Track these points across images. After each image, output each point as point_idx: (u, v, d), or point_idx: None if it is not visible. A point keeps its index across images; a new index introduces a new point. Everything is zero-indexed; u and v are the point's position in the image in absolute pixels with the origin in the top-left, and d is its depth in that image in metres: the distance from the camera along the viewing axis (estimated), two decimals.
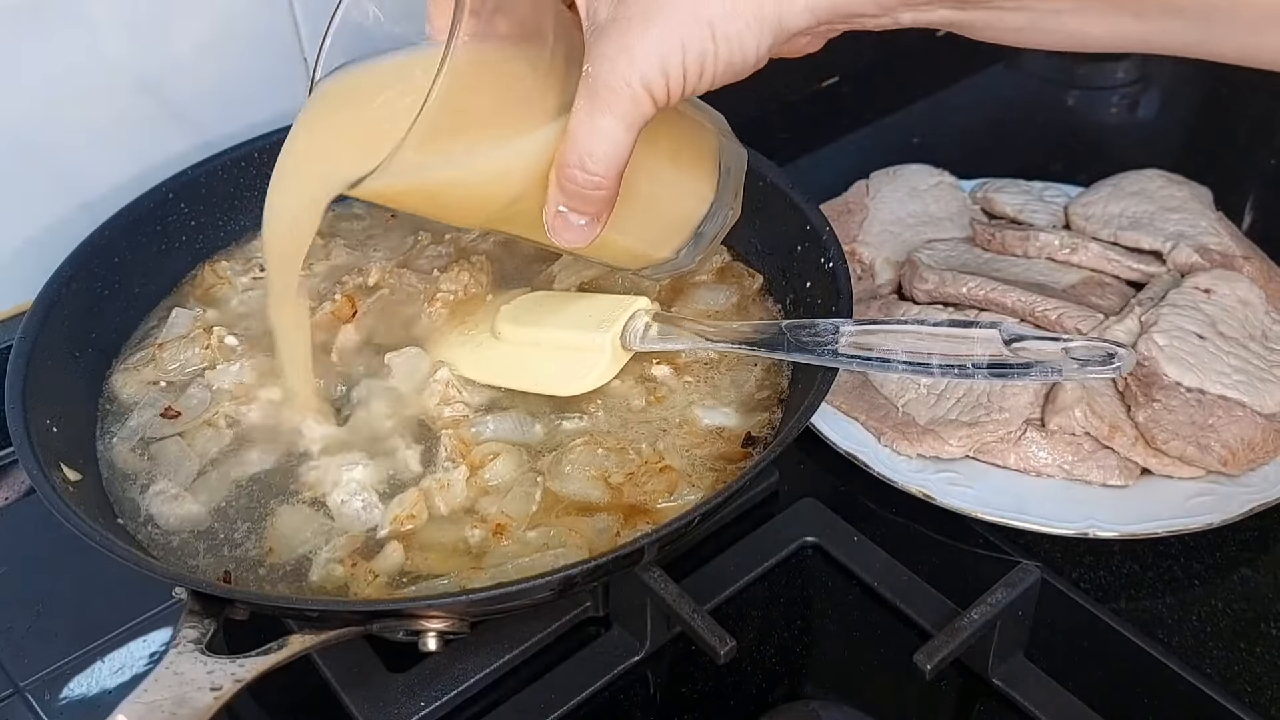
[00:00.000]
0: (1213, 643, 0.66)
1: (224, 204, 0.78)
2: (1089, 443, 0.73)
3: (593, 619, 0.66)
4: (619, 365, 0.65)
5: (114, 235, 0.72)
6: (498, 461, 0.62)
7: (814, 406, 0.59)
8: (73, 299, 0.68)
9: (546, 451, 0.64)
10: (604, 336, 0.64)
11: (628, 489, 0.61)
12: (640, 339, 0.64)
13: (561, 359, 0.65)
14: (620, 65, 0.47)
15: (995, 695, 0.63)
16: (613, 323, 0.64)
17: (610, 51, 0.47)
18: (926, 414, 0.75)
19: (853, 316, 0.64)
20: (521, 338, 0.67)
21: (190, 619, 0.50)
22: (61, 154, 0.77)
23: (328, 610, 0.53)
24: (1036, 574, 0.62)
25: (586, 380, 0.64)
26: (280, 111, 0.84)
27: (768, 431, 0.65)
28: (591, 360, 0.64)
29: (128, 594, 0.67)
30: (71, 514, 0.55)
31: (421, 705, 0.61)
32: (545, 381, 0.65)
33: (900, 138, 1.13)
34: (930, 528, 0.72)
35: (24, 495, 0.76)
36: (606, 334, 0.64)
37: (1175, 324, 0.76)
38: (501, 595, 0.51)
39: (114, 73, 0.77)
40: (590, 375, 0.64)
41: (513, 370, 0.66)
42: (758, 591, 0.68)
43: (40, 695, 0.63)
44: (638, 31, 0.46)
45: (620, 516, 0.60)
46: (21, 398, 0.61)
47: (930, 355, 0.55)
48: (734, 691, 0.63)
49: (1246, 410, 0.73)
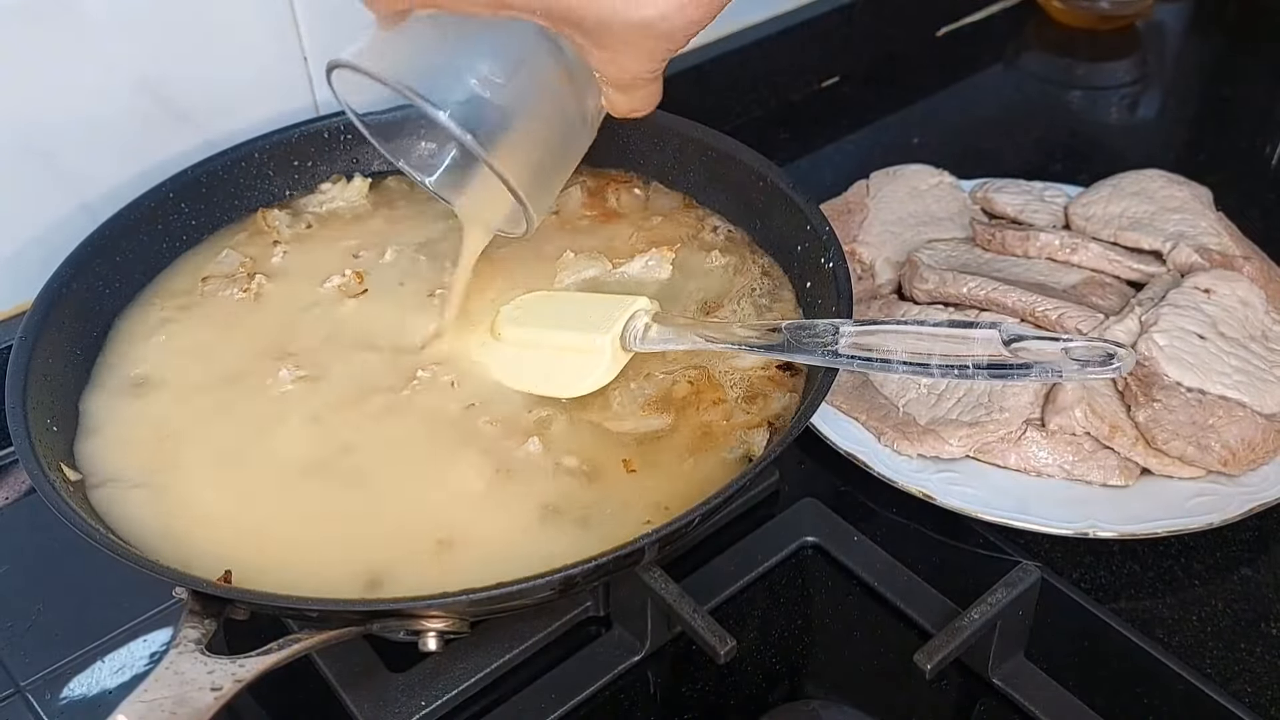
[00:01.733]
0: (1213, 643, 0.66)
1: (224, 204, 0.79)
2: (1089, 443, 0.73)
3: (593, 619, 0.66)
4: (619, 366, 0.65)
5: (114, 235, 0.72)
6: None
7: (814, 406, 0.59)
8: (73, 299, 0.68)
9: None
10: (604, 338, 0.64)
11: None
12: (640, 339, 0.64)
13: (562, 360, 0.65)
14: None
15: (995, 695, 0.63)
16: (613, 324, 0.64)
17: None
18: (927, 414, 0.75)
19: (853, 316, 0.64)
20: (522, 339, 0.67)
21: (190, 619, 0.50)
22: (61, 154, 0.77)
23: (328, 610, 0.53)
24: (1036, 574, 0.62)
25: (586, 382, 0.64)
26: (280, 111, 0.84)
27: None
28: (592, 362, 0.64)
29: (128, 594, 0.68)
30: (71, 514, 0.55)
31: (421, 705, 0.61)
32: (545, 383, 0.65)
33: (900, 138, 1.13)
34: (930, 528, 0.72)
35: (24, 495, 0.76)
36: (606, 335, 0.64)
37: (1175, 324, 0.76)
38: (502, 595, 0.51)
39: (114, 72, 0.77)
40: (590, 377, 0.64)
41: (513, 370, 0.66)
42: (758, 591, 0.68)
43: (40, 695, 0.63)
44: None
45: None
46: (21, 398, 0.61)
47: (930, 356, 0.55)
48: (734, 691, 0.63)
49: (1247, 410, 0.73)
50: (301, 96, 0.86)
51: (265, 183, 0.80)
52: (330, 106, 0.86)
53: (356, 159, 0.82)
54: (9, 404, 0.60)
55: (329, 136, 0.81)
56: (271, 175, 0.80)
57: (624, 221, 0.79)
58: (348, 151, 0.82)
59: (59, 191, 0.78)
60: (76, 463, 0.62)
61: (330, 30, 0.85)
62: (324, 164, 0.82)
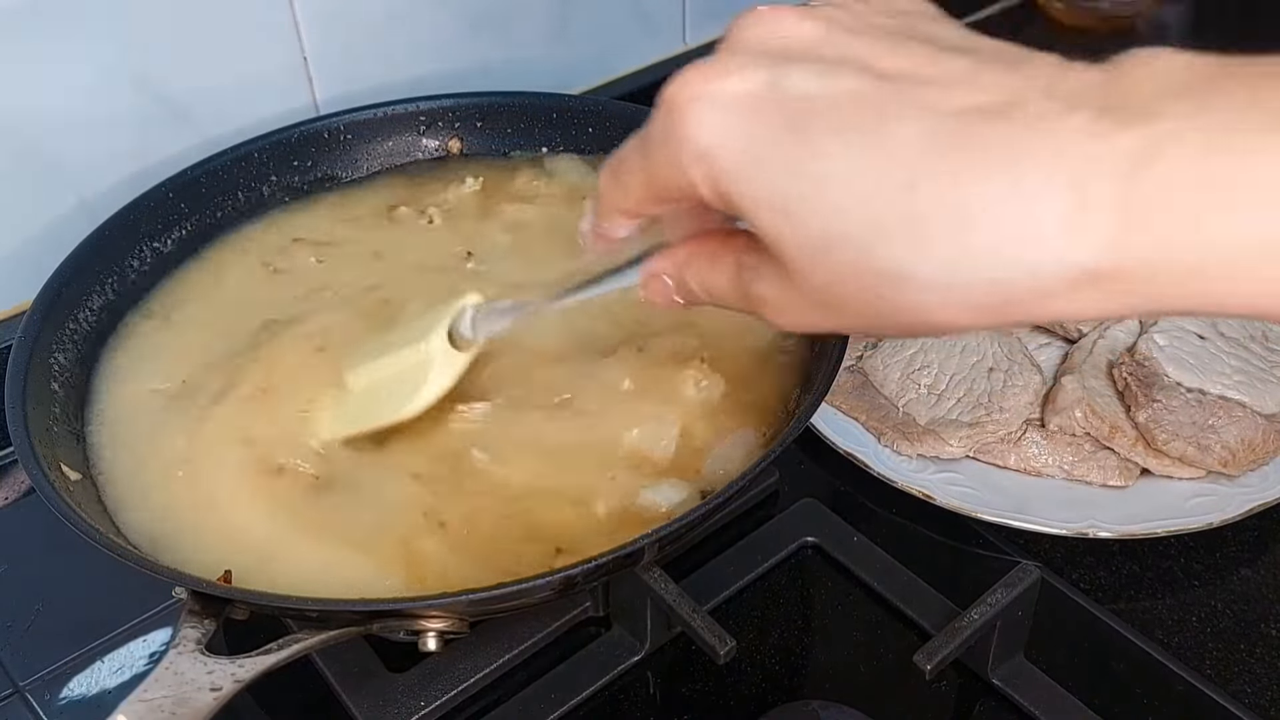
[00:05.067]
0: (1212, 643, 0.66)
1: (224, 204, 0.78)
2: (1089, 443, 0.73)
3: (593, 619, 0.66)
4: (455, 369, 0.60)
5: (114, 235, 0.72)
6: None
7: (814, 406, 0.59)
8: (73, 299, 0.68)
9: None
10: (427, 344, 0.60)
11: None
12: (471, 329, 0.60)
13: (400, 382, 0.61)
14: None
15: (995, 695, 0.63)
16: (435, 327, 0.60)
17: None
18: (927, 414, 0.75)
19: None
20: (363, 379, 0.63)
21: (190, 619, 0.50)
22: (61, 154, 0.77)
23: (328, 610, 0.53)
24: (1036, 574, 0.62)
25: (422, 395, 0.60)
26: (280, 111, 0.84)
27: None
28: (422, 373, 0.60)
29: (128, 594, 0.67)
30: (71, 514, 0.54)
31: (421, 705, 0.61)
32: (390, 410, 0.62)
33: None
34: (930, 528, 0.72)
35: (24, 495, 0.76)
36: (428, 339, 0.60)
37: (1175, 324, 0.76)
38: (501, 595, 0.51)
39: (113, 72, 0.77)
40: (424, 389, 0.60)
41: (366, 412, 0.63)
42: (758, 591, 0.68)
43: (40, 695, 0.63)
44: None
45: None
46: (21, 398, 0.61)
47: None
48: (734, 691, 0.63)
49: (1247, 411, 0.73)
50: (301, 96, 0.86)
51: (265, 183, 0.80)
52: (330, 106, 0.86)
53: (356, 160, 0.83)
54: (9, 404, 0.60)
55: (329, 136, 0.81)
56: (272, 175, 0.80)
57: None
58: (348, 153, 0.82)
59: (58, 191, 0.78)
60: (83, 461, 0.62)
61: (330, 30, 0.85)
62: (324, 164, 0.82)
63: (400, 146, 0.84)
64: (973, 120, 0.35)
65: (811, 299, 0.40)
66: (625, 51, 1.02)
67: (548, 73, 0.97)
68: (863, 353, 0.80)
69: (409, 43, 0.90)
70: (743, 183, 0.38)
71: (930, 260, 0.35)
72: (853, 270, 0.37)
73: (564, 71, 0.98)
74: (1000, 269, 0.34)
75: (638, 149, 0.42)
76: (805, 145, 0.37)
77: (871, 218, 0.36)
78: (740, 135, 0.38)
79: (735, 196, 0.39)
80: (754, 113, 0.38)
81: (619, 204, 0.45)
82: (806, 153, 0.37)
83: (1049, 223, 0.33)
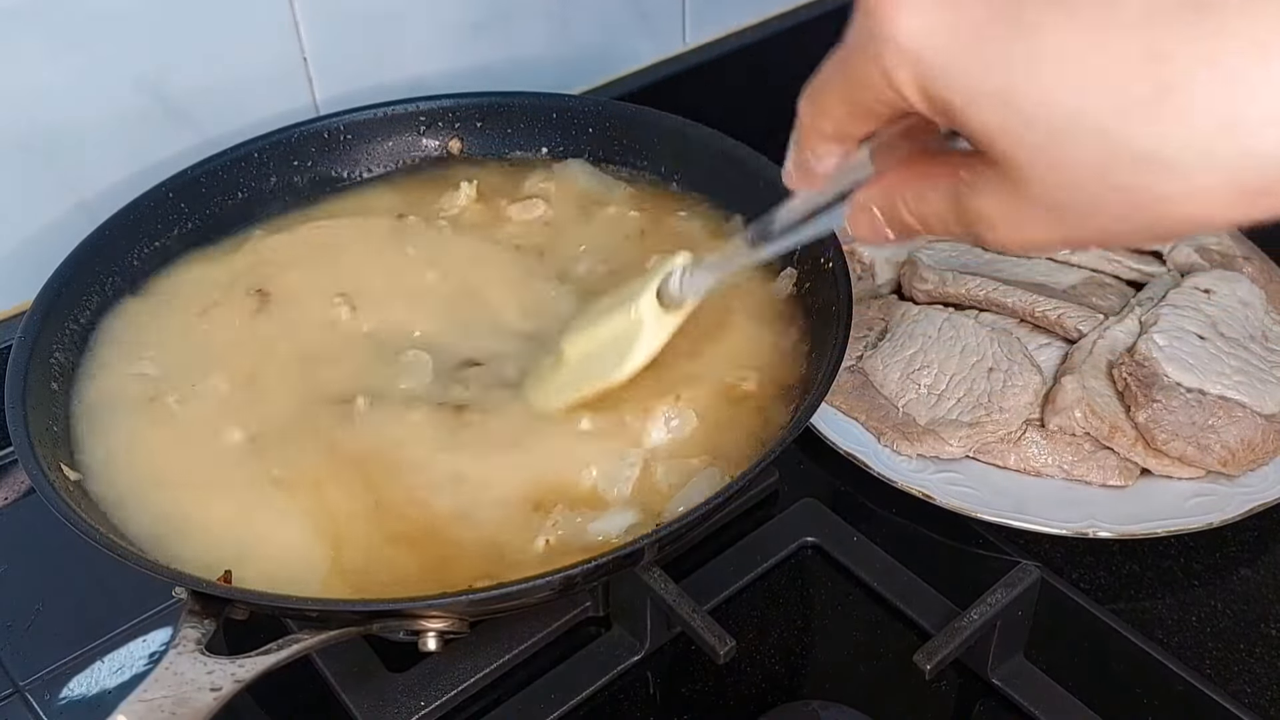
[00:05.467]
0: (1212, 643, 0.66)
1: (224, 204, 0.78)
2: (1089, 443, 0.73)
3: (593, 619, 0.66)
4: (667, 329, 0.61)
5: (114, 235, 0.72)
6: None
7: (814, 406, 0.59)
8: (72, 299, 0.68)
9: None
10: (638, 307, 0.60)
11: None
12: (680, 289, 0.60)
13: (614, 347, 0.62)
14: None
15: (995, 695, 0.63)
16: (645, 289, 0.61)
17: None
18: (926, 414, 0.75)
19: (851, 316, 0.64)
20: (579, 347, 0.65)
21: (190, 619, 0.50)
22: (60, 153, 0.77)
23: (328, 610, 0.53)
24: (1036, 574, 0.62)
25: (636, 357, 0.61)
26: (280, 111, 0.84)
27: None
28: (635, 334, 0.61)
29: (128, 594, 0.68)
30: (71, 514, 0.55)
31: (421, 705, 0.61)
32: (606, 375, 0.63)
33: None
34: (930, 528, 0.72)
35: (24, 495, 0.76)
36: (638, 303, 0.60)
37: (1175, 324, 0.76)
38: (501, 595, 0.51)
39: (113, 71, 0.77)
40: (638, 350, 0.61)
41: (582, 379, 0.64)
42: (758, 591, 0.68)
43: (40, 695, 0.63)
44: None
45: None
46: (21, 397, 0.61)
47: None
48: (734, 691, 0.63)
49: (1247, 411, 0.73)
50: (301, 96, 0.86)
51: (265, 183, 0.80)
52: (330, 106, 0.86)
53: (357, 160, 0.83)
54: (9, 404, 0.60)
55: (329, 136, 0.81)
56: (272, 175, 0.80)
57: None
58: (348, 153, 0.82)
59: (58, 191, 0.78)
60: (76, 462, 0.62)
61: (330, 30, 0.85)
62: (324, 164, 0.82)
63: (400, 146, 0.84)
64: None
65: (1042, 204, 0.35)
66: (625, 52, 1.02)
67: (548, 73, 0.96)
68: (863, 353, 0.80)
69: (409, 43, 0.90)
70: (956, 77, 0.34)
71: (1192, 136, 0.31)
72: (1095, 159, 0.32)
73: (564, 72, 0.98)
74: (1272, 140, 0.30)
75: (835, 64, 0.38)
76: (1022, 22, 0.32)
77: (1116, 94, 0.31)
78: (947, 25, 0.34)
79: (948, 95, 0.34)
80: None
81: (821, 129, 0.41)
82: (1026, 30, 0.32)
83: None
